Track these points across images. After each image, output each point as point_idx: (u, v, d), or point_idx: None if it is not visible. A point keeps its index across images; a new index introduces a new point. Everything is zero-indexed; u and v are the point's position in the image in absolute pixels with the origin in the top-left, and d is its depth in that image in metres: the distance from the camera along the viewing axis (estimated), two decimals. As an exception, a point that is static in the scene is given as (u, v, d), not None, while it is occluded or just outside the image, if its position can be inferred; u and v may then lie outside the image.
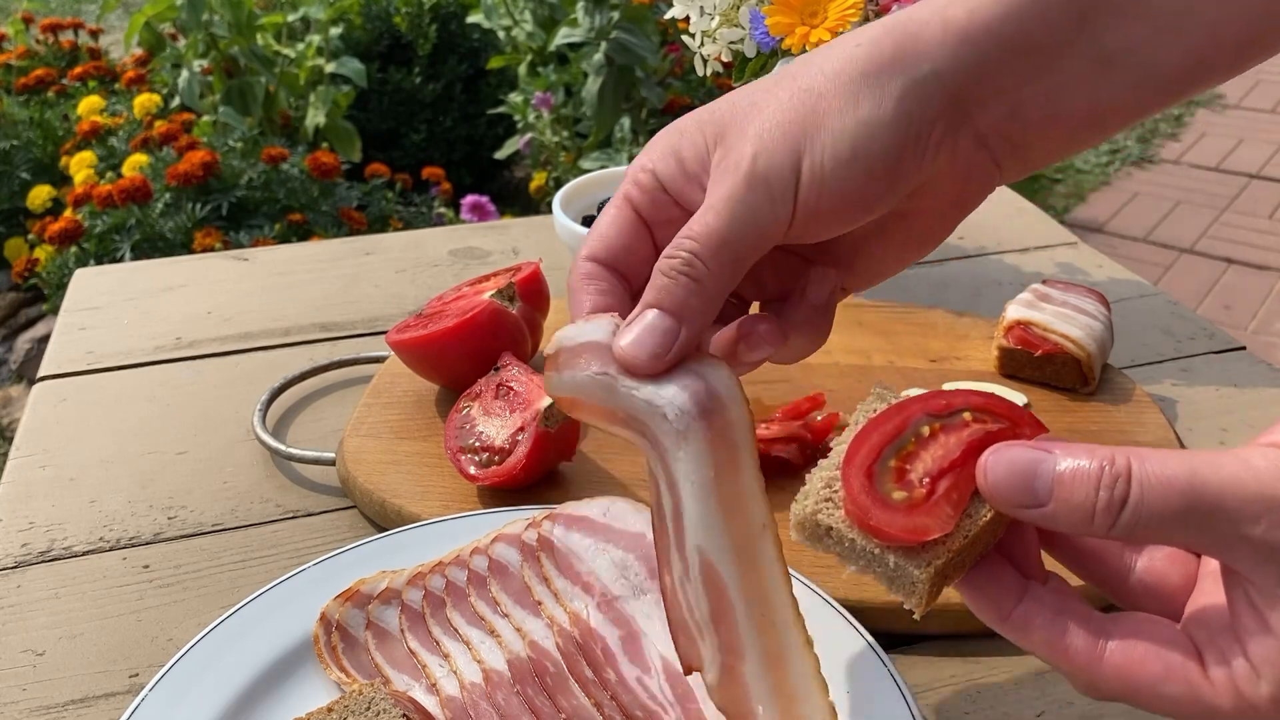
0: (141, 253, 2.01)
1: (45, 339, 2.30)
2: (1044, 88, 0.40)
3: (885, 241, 0.45)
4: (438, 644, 0.51)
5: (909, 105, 0.39)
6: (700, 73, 0.82)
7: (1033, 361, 0.71)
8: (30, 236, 2.40)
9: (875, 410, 0.41)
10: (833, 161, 0.39)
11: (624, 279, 0.44)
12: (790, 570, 0.53)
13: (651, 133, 2.50)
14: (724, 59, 0.81)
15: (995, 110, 0.40)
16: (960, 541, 0.36)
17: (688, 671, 0.41)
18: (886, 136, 0.39)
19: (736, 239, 0.39)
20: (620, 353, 0.40)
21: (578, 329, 0.41)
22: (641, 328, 0.40)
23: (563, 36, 2.37)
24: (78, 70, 2.77)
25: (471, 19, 2.73)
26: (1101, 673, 0.35)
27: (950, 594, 0.53)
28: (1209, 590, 0.37)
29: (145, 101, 2.45)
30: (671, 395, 0.39)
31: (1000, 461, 0.35)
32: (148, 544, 0.62)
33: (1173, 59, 0.39)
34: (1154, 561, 0.39)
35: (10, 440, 2.03)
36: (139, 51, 2.80)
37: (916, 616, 0.38)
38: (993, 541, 0.38)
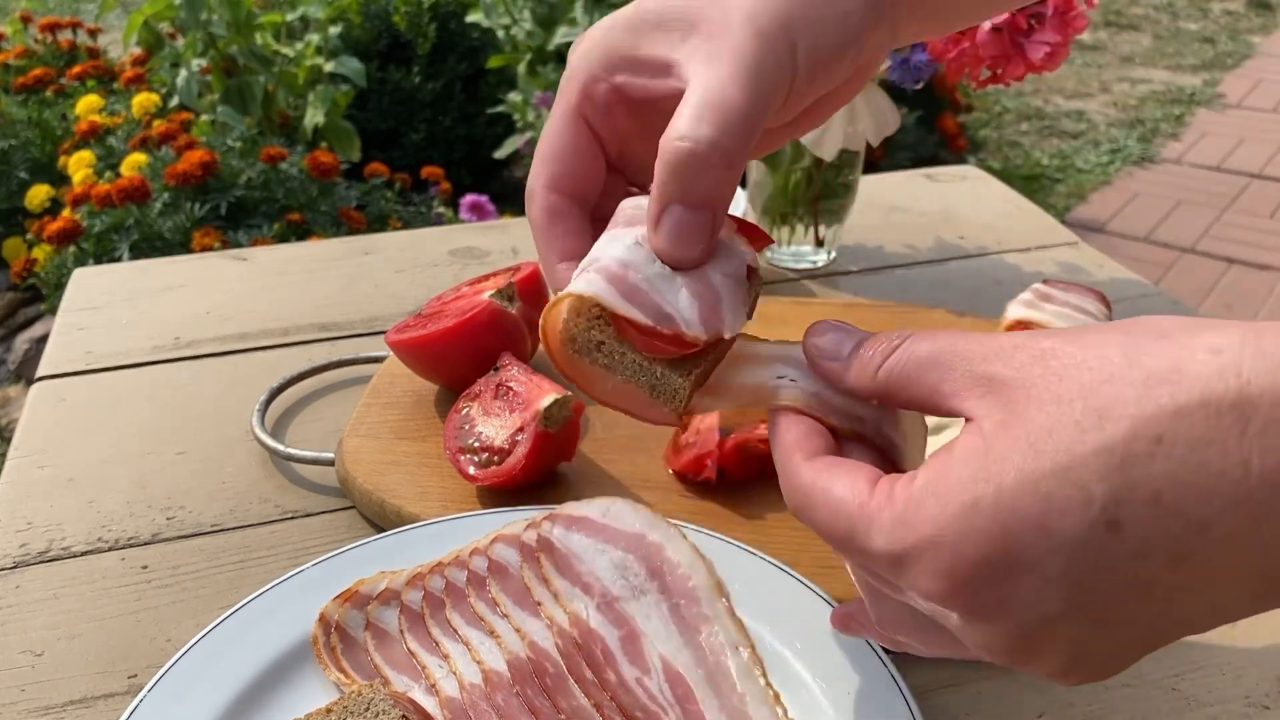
0: (140, 252, 2.00)
1: (43, 339, 2.30)
2: None
3: (807, 112, 0.46)
4: (437, 645, 0.51)
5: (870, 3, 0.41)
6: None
7: (1033, 361, 0.70)
8: (28, 236, 2.40)
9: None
10: (824, 50, 0.40)
11: (582, 204, 0.44)
12: (790, 570, 0.53)
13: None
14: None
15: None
16: (717, 355, 0.40)
17: None
18: (857, 26, 0.41)
19: (758, 113, 0.39)
20: (664, 251, 0.39)
21: (601, 251, 0.40)
22: (674, 225, 0.39)
23: (562, 35, 2.37)
24: (76, 70, 2.77)
25: (471, 18, 2.73)
26: (799, 469, 0.37)
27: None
28: None
29: (144, 101, 2.45)
30: (684, 306, 0.39)
31: (825, 335, 0.39)
32: (146, 544, 0.61)
33: None
34: None
35: (8, 440, 2.03)
36: (137, 51, 2.80)
37: (678, 421, 0.41)
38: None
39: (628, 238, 0.40)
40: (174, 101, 2.47)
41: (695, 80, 0.39)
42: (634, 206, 0.42)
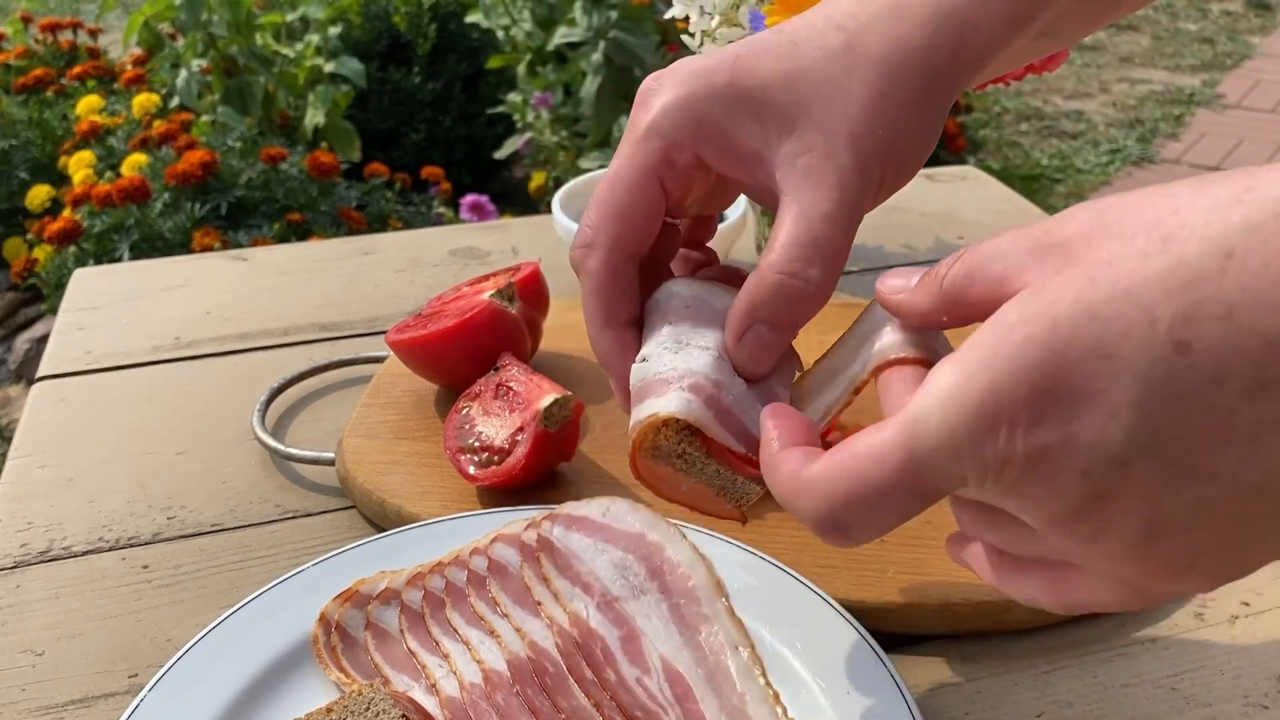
0: (140, 252, 2.01)
1: (44, 339, 2.30)
2: (996, 66, 0.45)
3: None
4: (437, 644, 0.51)
5: (951, 104, 0.43)
6: (700, 72, 0.82)
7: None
8: (29, 236, 2.40)
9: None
10: (904, 174, 0.42)
11: (637, 261, 0.44)
12: (790, 570, 0.53)
13: (651, 132, 2.49)
14: (723, 58, 0.80)
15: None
16: None
17: None
18: (931, 146, 0.43)
19: (848, 243, 0.41)
20: (743, 366, 0.42)
21: (681, 361, 0.42)
22: (759, 345, 0.41)
23: (561, 36, 2.37)
24: (76, 70, 2.77)
25: (470, 18, 2.73)
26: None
27: (951, 593, 0.53)
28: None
29: (144, 101, 2.45)
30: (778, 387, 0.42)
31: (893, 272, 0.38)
32: (147, 544, 0.61)
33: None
34: None
35: (9, 440, 2.03)
36: (138, 51, 2.80)
37: (740, 520, 0.43)
38: None
39: (708, 349, 0.42)
40: (174, 102, 2.47)
41: (795, 204, 0.40)
42: (689, 300, 0.44)
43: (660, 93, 0.42)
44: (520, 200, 2.92)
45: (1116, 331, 0.28)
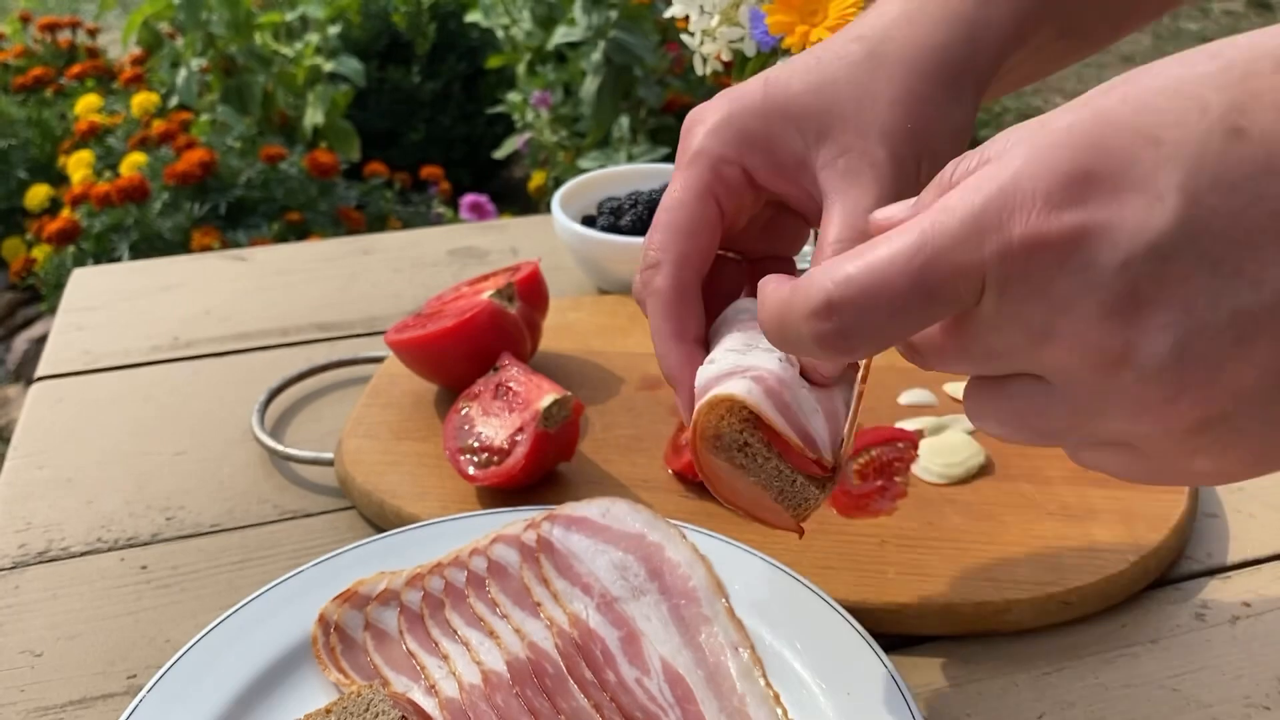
0: (139, 252, 2.01)
1: (43, 339, 2.30)
2: (1025, 71, 0.45)
3: None
4: (436, 645, 0.51)
5: (978, 98, 0.43)
6: (699, 72, 0.82)
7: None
8: (28, 236, 2.40)
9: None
10: (942, 159, 0.40)
11: (701, 279, 0.44)
12: (790, 571, 0.53)
13: (651, 132, 2.50)
14: (723, 58, 0.80)
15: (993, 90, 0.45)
16: (841, 474, 0.41)
17: None
18: (966, 137, 0.43)
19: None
20: (812, 368, 0.40)
21: (747, 359, 0.41)
22: None
23: (561, 35, 2.37)
24: (75, 69, 2.77)
25: (470, 18, 2.72)
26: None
27: (951, 594, 0.53)
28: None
29: (143, 101, 2.45)
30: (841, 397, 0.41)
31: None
32: (145, 545, 0.61)
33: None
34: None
35: (7, 441, 2.03)
36: (137, 50, 2.80)
37: (795, 531, 0.42)
38: None
39: (774, 353, 0.41)
40: (173, 101, 2.47)
41: (839, 204, 0.40)
42: (757, 312, 0.42)
43: (703, 119, 0.44)
44: (520, 200, 2.92)
45: (1167, 118, 0.26)
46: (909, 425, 0.66)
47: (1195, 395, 0.27)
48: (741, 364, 0.41)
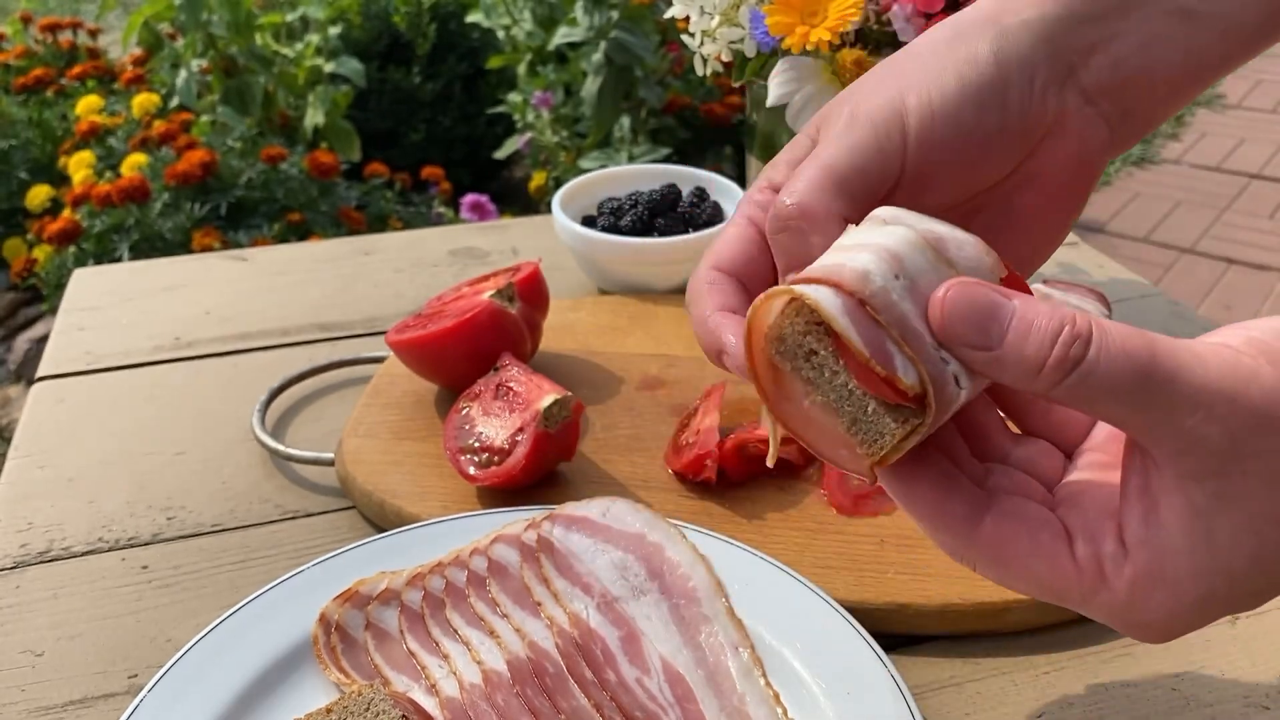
0: (140, 253, 2.01)
1: (44, 339, 2.30)
2: (1136, 41, 0.41)
3: (1022, 209, 0.44)
4: (437, 645, 0.51)
5: (1003, 45, 0.40)
6: (700, 72, 0.82)
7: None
8: (29, 236, 2.40)
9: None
10: (940, 94, 0.40)
11: (743, 288, 0.43)
12: (790, 570, 0.53)
13: (651, 133, 2.50)
14: (724, 59, 0.80)
15: (1097, 64, 0.41)
16: (936, 420, 0.34)
17: None
18: (988, 70, 0.40)
19: (846, 169, 0.39)
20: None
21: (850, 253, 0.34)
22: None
23: (562, 36, 2.37)
24: (76, 70, 2.77)
25: (471, 18, 2.72)
26: (976, 541, 0.36)
27: (951, 594, 0.53)
28: (1087, 474, 0.38)
29: (144, 101, 2.45)
30: None
31: (961, 295, 0.33)
32: (146, 544, 0.61)
33: (1249, 9, 0.41)
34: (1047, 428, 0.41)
35: (9, 440, 2.03)
36: (137, 51, 2.80)
37: (867, 477, 0.36)
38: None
39: (897, 229, 0.34)
40: (174, 102, 2.47)
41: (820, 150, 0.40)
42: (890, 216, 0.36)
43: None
44: (520, 200, 2.92)
45: None
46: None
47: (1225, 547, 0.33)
48: (843, 254, 0.34)
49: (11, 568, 0.60)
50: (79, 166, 2.27)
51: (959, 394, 0.33)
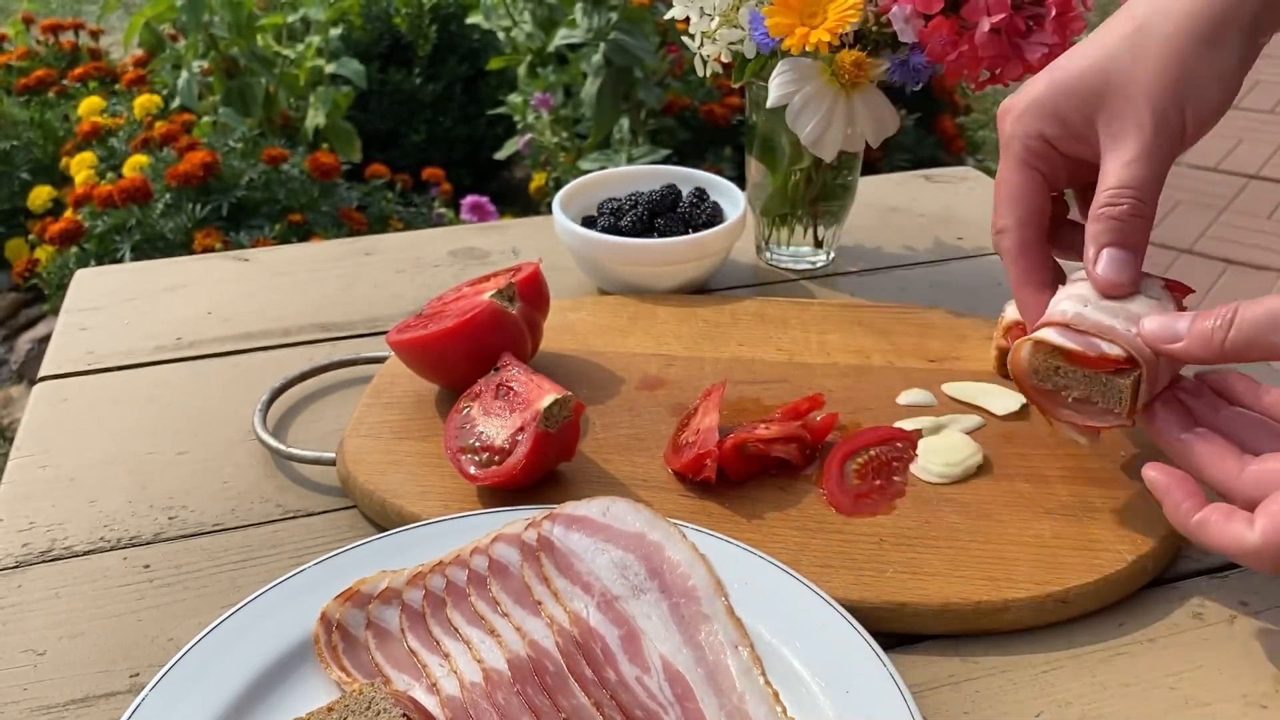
0: (142, 253, 2.01)
1: (46, 339, 2.30)
2: None
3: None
4: (438, 644, 0.51)
5: (1245, 51, 0.53)
6: (700, 74, 0.82)
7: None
8: (31, 237, 2.40)
9: None
10: (1209, 109, 0.53)
11: (1042, 236, 0.58)
12: (790, 570, 0.53)
13: (651, 134, 2.50)
14: (723, 60, 0.81)
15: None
16: (1151, 369, 0.53)
17: None
18: (1236, 80, 0.54)
19: (1160, 178, 0.53)
20: (1097, 279, 0.54)
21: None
22: (1110, 263, 0.54)
23: (562, 37, 2.37)
24: (78, 71, 2.77)
25: (471, 20, 2.73)
26: (1242, 482, 0.50)
27: (950, 593, 0.54)
28: None
29: (145, 102, 2.45)
30: (1138, 307, 0.54)
31: (1152, 322, 0.52)
32: (148, 544, 0.62)
33: None
34: None
35: (10, 440, 2.03)
36: (139, 52, 2.80)
37: (1129, 421, 0.54)
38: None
39: (1073, 290, 0.56)
40: (175, 103, 2.47)
41: (1111, 157, 0.54)
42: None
43: (1009, 109, 0.58)
44: (520, 201, 2.92)
45: None
46: (908, 425, 0.66)
47: None
48: (1053, 308, 0.56)
49: (13, 567, 0.60)
50: (81, 167, 2.27)
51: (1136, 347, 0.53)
